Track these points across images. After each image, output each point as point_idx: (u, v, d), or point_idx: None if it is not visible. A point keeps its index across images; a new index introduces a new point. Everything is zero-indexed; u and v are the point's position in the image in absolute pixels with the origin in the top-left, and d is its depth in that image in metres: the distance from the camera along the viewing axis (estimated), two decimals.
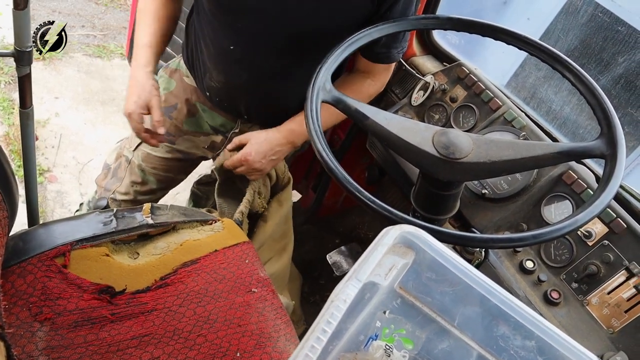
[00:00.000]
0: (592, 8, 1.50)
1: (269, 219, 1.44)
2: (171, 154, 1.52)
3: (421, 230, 0.66)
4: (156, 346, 0.93)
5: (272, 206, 1.46)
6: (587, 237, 1.11)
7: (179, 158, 1.54)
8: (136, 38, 1.30)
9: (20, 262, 0.94)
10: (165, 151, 1.51)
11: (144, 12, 1.32)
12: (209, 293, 1.03)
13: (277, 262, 1.53)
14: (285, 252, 1.56)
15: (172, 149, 1.51)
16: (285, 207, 1.48)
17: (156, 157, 1.51)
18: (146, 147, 1.51)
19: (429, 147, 0.89)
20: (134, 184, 1.53)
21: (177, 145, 1.51)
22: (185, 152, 1.53)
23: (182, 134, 1.50)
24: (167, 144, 1.51)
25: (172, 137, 1.50)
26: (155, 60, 1.29)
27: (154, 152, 1.50)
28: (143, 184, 1.53)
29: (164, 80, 1.49)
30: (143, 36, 1.29)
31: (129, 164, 1.53)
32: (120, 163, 1.55)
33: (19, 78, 1.06)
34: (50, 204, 2.33)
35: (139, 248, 1.08)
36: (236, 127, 1.45)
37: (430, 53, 1.61)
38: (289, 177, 1.47)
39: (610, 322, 1.06)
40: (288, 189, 1.48)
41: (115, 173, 1.55)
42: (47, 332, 0.88)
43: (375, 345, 0.71)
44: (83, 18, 3.50)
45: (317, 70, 0.97)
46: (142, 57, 1.26)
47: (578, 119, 1.46)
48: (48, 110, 2.72)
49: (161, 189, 1.59)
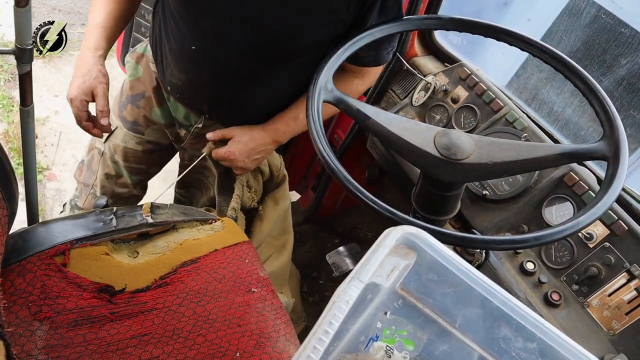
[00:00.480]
0: (593, 10, 1.50)
1: (264, 218, 1.42)
2: (142, 146, 1.46)
3: (423, 231, 0.66)
4: (156, 346, 0.93)
5: (268, 205, 1.44)
6: (588, 239, 1.11)
7: (151, 149, 1.47)
8: (89, 18, 1.22)
9: (19, 260, 0.94)
10: (135, 142, 1.45)
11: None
12: (208, 292, 1.03)
13: (277, 260, 1.52)
14: (285, 249, 1.54)
15: (141, 140, 1.45)
16: (282, 205, 1.46)
17: (126, 148, 1.45)
18: (116, 139, 1.44)
19: (430, 148, 0.89)
20: (108, 177, 1.49)
21: (146, 135, 1.45)
22: (156, 143, 1.47)
23: (151, 124, 1.43)
24: (136, 135, 1.44)
25: (141, 127, 1.43)
26: (106, 43, 1.20)
27: (124, 144, 1.44)
28: (117, 177, 1.49)
29: (130, 65, 1.41)
30: (96, 16, 1.20)
31: (101, 156, 1.47)
32: (93, 155, 1.50)
33: (19, 76, 1.05)
34: (49, 202, 2.33)
35: (139, 247, 1.08)
36: (199, 122, 1.35)
37: (431, 53, 1.61)
38: (284, 174, 1.44)
39: (610, 324, 1.06)
40: (284, 187, 1.46)
41: (90, 166, 1.51)
42: (47, 331, 0.88)
43: (376, 346, 0.70)
44: (83, 16, 3.49)
45: (319, 70, 0.97)
46: (92, 38, 1.17)
47: (579, 121, 1.45)
48: (47, 109, 2.71)
49: (137, 182, 1.53)
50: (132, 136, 1.44)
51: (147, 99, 1.40)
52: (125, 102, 1.43)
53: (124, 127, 1.44)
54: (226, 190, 1.40)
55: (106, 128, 1.19)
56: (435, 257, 0.66)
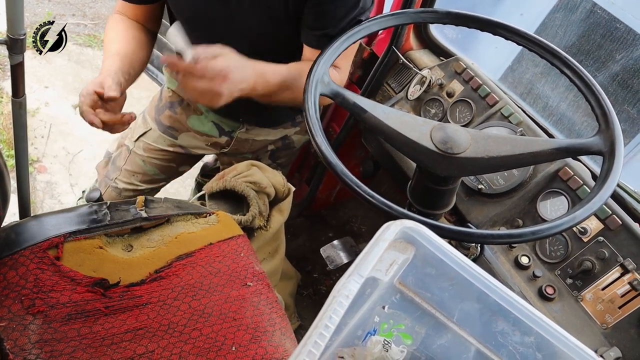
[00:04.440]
0: (585, 5, 1.50)
1: (269, 228, 1.42)
2: (172, 148, 1.51)
3: (422, 225, 0.66)
4: (151, 340, 0.92)
5: (274, 215, 1.42)
6: (583, 233, 1.12)
7: (181, 153, 1.53)
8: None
9: (12, 254, 0.92)
10: (167, 144, 1.50)
11: (108, 37, 1.22)
12: (204, 286, 1.02)
13: (269, 262, 1.53)
14: (277, 253, 1.55)
15: (173, 143, 1.51)
16: (286, 213, 1.48)
17: (157, 148, 1.50)
18: (148, 139, 1.50)
19: (426, 142, 0.89)
20: (134, 174, 1.52)
21: (179, 140, 1.51)
22: (187, 148, 1.52)
23: (186, 130, 1.49)
24: (169, 138, 1.50)
25: (175, 132, 1.49)
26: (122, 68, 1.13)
27: (156, 144, 1.50)
28: (144, 174, 1.53)
29: (167, 74, 1.49)
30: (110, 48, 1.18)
31: (129, 153, 1.52)
32: (121, 152, 1.54)
33: (11, 66, 1.03)
34: (40, 194, 2.31)
35: (133, 241, 1.07)
36: (242, 127, 1.46)
37: (427, 47, 1.60)
38: (289, 188, 1.43)
39: (604, 317, 1.07)
40: (288, 199, 1.46)
41: (115, 161, 1.55)
42: (40, 325, 0.87)
43: (374, 340, 0.70)
44: (73, 7, 3.45)
45: (315, 64, 0.96)
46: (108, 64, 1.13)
47: (574, 116, 1.46)
48: (38, 100, 2.68)
49: (163, 179, 1.58)
50: (165, 138, 1.50)
51: (184, 106, 1.46)
52: (164, 107, 1.49)
53: (159, 129, 1.50)
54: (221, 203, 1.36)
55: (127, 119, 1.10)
56: (433, 251, 0.66)
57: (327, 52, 0.98)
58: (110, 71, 1.09)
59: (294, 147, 1.61)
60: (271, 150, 1.58)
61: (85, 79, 2.92)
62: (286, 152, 1.62)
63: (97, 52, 3.14)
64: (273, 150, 1.58)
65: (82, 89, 1.07)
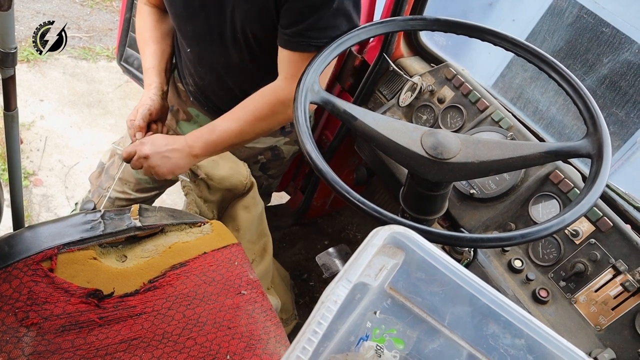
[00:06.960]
0: (576, 10, 1.52)
1: (240, 228, 1.46)
2: None
3: (411, 230, 0.66)
4: (145, 350, 0.92)
5: (239, 214, 1.47)
6: (574, 235, 1.12)
7: None
8: (142, 63, 1.39)
9: (5, 266, 0.92)
10: None
11: (140, 39, 1.39)
12: (198, 296, 1.02)
13: (260, 263, 1.54)
14: (266, 252, 1.56)
15: None
16: (254, 210, 1.50)
17: None
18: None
19: (417, 148, 0.89)
20: (127, 182, 1.53)
21: None
22: None
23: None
24: None
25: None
26: (158, 77, 1.34)
27: None
28: (136, 183, 1.53)
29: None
30: (145, 61, 1.36)
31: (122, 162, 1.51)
32: (114, 161, 1.55)
33: (2, 80, 1.04)
34: (36, 207, 2.31)
35: (127, 251, 1.07)
36: None
37: (417, 54, 1.62)
38: (252, 181, 1.48)
39: (597, 319, 1.07)
40: (252, 193, 1.49)
41: (108, 171, 1.55)
42: (34, 337, 0.87)
43: (366, 345, 0.71)
44: (68, 20, 3.46)
45: (304, 72, 0.97)
46: (146, 79, 1.35)
47: (564, 119, 1.47)
48: (33, 113, 2.69)
49: (155, 187, 1.58)
50: None
51: (174, 112, 1.53)
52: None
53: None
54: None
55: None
56: (423, 256, 0.66)
57: (317, 61, 0.99)
58: (148, 91, 1.31)
59: (284, 158, 1.62)
60: (261, 162, 1.59)
61: (81, 91, 2.92)
62: (276, 163, 1.63)
63: (92, 65, 3.15)
64: (263, 162, 1.59)
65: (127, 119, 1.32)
